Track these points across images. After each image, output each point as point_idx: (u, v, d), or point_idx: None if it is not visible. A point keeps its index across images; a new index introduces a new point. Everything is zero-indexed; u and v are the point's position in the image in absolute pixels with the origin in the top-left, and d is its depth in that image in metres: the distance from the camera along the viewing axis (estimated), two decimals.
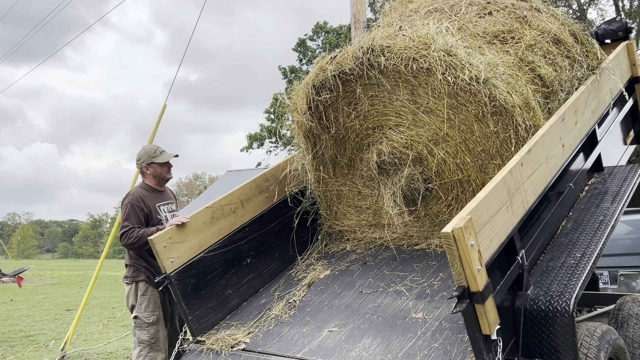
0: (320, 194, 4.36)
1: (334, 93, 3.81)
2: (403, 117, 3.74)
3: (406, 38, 3.50)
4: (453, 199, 3.79)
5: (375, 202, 4.14)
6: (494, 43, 3.83)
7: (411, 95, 3.61)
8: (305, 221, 4.46)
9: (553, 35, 3.89)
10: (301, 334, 3.40)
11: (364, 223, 4.26)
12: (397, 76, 3.58)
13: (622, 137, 4.98)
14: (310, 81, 3.85)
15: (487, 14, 4.17)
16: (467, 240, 2.21)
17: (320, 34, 35.81)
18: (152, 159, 4.30)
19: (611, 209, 3.48)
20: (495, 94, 3.23)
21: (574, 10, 18.77)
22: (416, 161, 3.79)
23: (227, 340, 3.51)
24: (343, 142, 4.12)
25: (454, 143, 3.58)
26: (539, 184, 3.05)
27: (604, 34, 5.18)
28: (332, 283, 3.91)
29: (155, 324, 4.13)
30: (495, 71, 3.35)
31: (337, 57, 3.74)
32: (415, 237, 4.00)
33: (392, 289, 3.57)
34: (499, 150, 3.42)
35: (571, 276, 2.81)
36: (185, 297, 3.69)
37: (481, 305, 2.28)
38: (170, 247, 3.67)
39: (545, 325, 2.65)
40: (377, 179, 4.01)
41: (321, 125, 4.02)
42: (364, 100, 3.83)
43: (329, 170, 4.24)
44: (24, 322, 9.68)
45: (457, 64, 3.30)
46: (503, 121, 3.30)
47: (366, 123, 3.93)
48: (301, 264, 4.26)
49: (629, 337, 3.49)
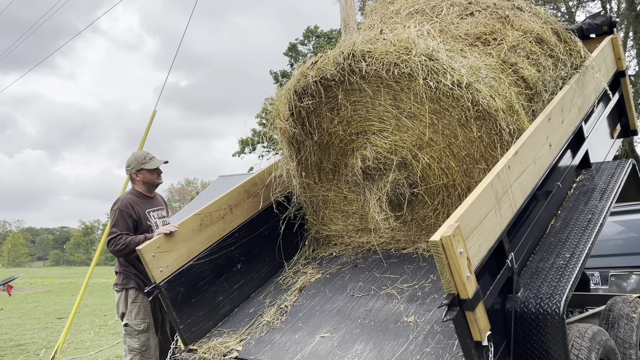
0: (306, 199, 4.32)
1: (316, 99, 3.76)
2: (386, 122, 3.70)
3: (387, 42, 3.46)
4: (439, 203, 3.76)
5: (361, 207, 4.11)
6: (476, 45, 3.79)
7: (394, 101, 3.57)
8: (294, 226, 4.44)
9: (536, 35, 3.85)
10: (293, 341, 3.38)
11: (351, 228, 4.24)
12: (379, 81, 3.53)
13: (609, 132, 4.99)
14: (291, 87, 3.79)
15: (468, 15, 4.13)
16: (455, 248, 2.20)
17: (311, 38, 35.71)
18: (142, 165, 4.28)
19: (599, 206, 3.49)
20: (478, 98, 3.19)
21: (562, 12, 18.84)
22: (401, 166, 3.75)
23: (219, 349, 3.49)
24: (327, 148, 4.08)
25: (438, 148, 3.55)
26: (527, 186, 3.05)
27: (589, 28, 5.19)
28: (323, 287, 3.89)
29: (146, 331, 4.10)
30: (478, 75, 3.31)
31: (318, 62, 3.68)
32: (403, 241, 3.99)
33: (383, 292, 3.56)
34: (483, 155, 3.39)
35: (561, 277, 2.81)
36: (175, 306, 3.66)
37: (471, 312, 2.27)
38: (159, 257, 3.64)
39: (536, 328, 2.65)
40: (363, 184, 3.98)
41: (304, 131, 3.96)
42: (347, 105, 3.78)
43: (314, 176, 4.20)
44: (14, 331, 9.59)
45: (439, 68, 3.26)
46: (487, 126, 3.27)
47: (349, 128, 3.89)
48: (288, 270, 4.23)
49: (620, 338, 3.50)
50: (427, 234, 3.86)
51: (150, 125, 7.49)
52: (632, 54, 18.25)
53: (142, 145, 7.33)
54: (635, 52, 18.08)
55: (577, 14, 18.69)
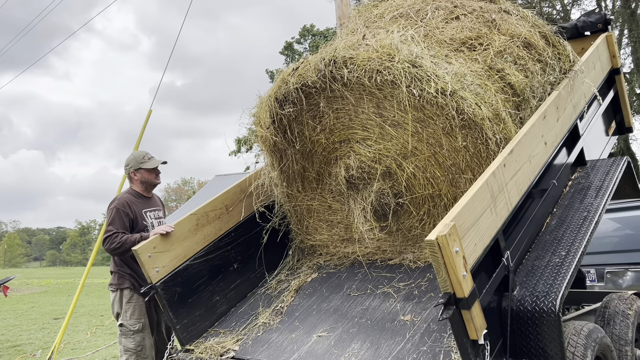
0: (290, 208, 4.20)
1: (298, 106, 3.63)
2: (370, 130, 3.59)
3: (370, 48, 3.34)
4: (425, 214, 3.66)
5: (346, 216, 4.00)
6: (462, 50, 3.67)
7: (377, 108, 3.46)
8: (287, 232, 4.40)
9: (523, 39, 3.73)
10: (290, 340, 3.38)
11: (336, 238, 4.12)
12: (362, 89, 3.42)
13: (604, 129, 5.01)
14: (272, 94, 3.67)
15: (454, 19, 4.00)
16: (451, 247, 2.20)
17: (307, 37, 35.66)
18: (140, 165, 4.30)
19: (594, 204, 3.50)
20: (463, 106, 3.09)
21: (557, 10, 18.86)
22: (385, 175, 3.65)
23: (216, 349, 3.49)
24: (310, 156, 3.96)
25: (423, 157, 3.45)
26: (523, 184, 3.05)
27: (584, 26, 5.19)
28: (320, 286, 3.89)
29: (141, 331, 4.10)
30: (463, 82, 3.21)
31: (299, 68, 3.55)
32: (389, 251, 3.89)
33: (379, 291, 3.56)
34: (469, 165, 3.29)
35: (556, 275, 2.82)
36: (172, 306, 3.65)
37: (468, 311, 2.28)
38: (155, 257, 3.64)
39: (532, 326, 2.66)
40: (347, 193, 3.87)
41: (286, 139, 3.84)
42: (329, 113, 3.66)
43: (297, 185, 4.09)
44: (11, 332, 9.56)
45: (423, 75, 3.15)
46: (472, 135, 3.17)
47: (332, 137, 3.78)
48: (270, 282, 4.16)
49: (616, 334, 3.51)
50: (413, 244, 3.78)
51: (145, 124, 7.48)
52: (627, 52, 18.30)
53: (137, 144, 7.32)
54: (630, 50, 18.13)
55: (572, 11, 18.73)
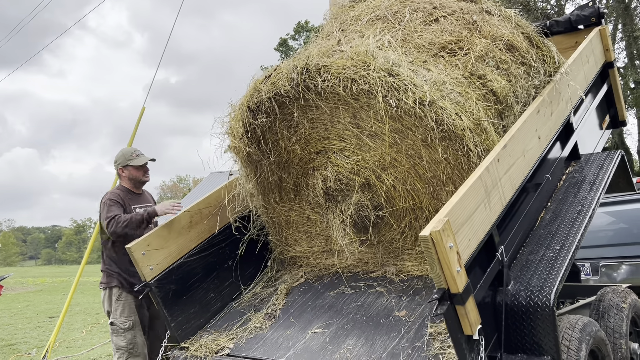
0: (268, 219, 4.05)
1: (271, 116, 3.46)
2: (347, 141, 3.42)
3: (344, 55, 3.16)
4: (406, 226, 3.51)
5: (326, 228, 3.82)
6: (441, 56, 3.50)
7: (353, 118, 3.30)
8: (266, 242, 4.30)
9: (506, 41, 3.55)
10: (285, 337, 3.37)
11: (316, 249, 3.97)
12: (337, 98, 3.24)
13: (598, 123, 5.01)
14: (245, 103, 3.49)
15: (433, 21, 3.82)
16: (445, 243, 2.19)
17: (302, 33, 35.55)
18: (128, 162, 4.30)
19: (589, 198, 3.50)
20: (442, 117, 2.92)
21: (552, 5, 18.87)
22: (364, 187, 3.47)
23: (211, 346, 3.48)
24: (287, 167, 3.78)
25: (402, 169, 3.30)
26: (516, 179, 3.04)
27: (577, 19, 5.19)
28: (314, 283, 3.88)
29: (132, 329, 4.10)
30: (443, 90, 3.05)
31: (272, 76, 3.38)
32: (371, 264, 3.75)
33: (373, 290, 3.55)
34: (450, 177, 3.14)
35: (551, 269, 2.81)
36: (166, 304, 3.64)
37: (462, 306, 2.27)
38: (149, 254, 3.62)
39: (526, 321, 2.65)
40: (325, 205, 3.69)
41: (261, 150, 3.66)
42: (304, 123, 3.48)
43: (274, 195, 3.93)
44: (5, 330, 9.53)
45: (400, 85, 2.98)
46: (453, 147, 3.01)
47: (308, 147, 3.60)
48: (245, 294, 4.03)
49: (610, 328, 3.52)
50: (395, 257, 3.66)
51: (139, 121, 7.46)
52: (621, 46, 18.36)
53: (131, 141, 7.29)
54: (624, 44, 18.17)
55: (566, 6, 18.74)
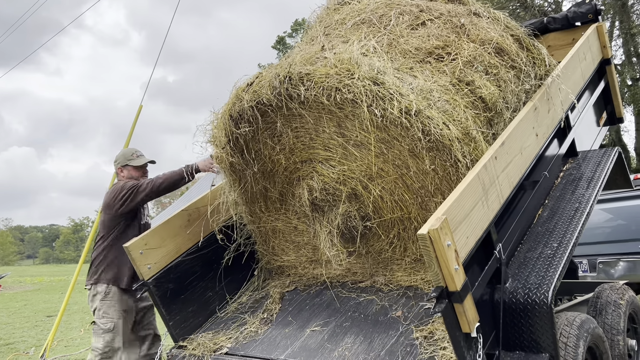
0: (254, 228, 3.94)
1: (254, 125, 3.35)
2: (332, 150, 3.32)
3: (328, 62, 3.05)
4: (395, 237, 3.42)
5: (313, 237, 3.71)
6: (428, 61, 3.39)
7: (338, 128, 3.20)
8: None
9: (495, 45, 3.46)
10: (283, 335, 3.37)
11: (304, 259, 3.87)
12: (321, 107, 3.13)
13: (595, 120, 5.02)
14: (227, 111, 3.37)
15: (420, 25, 3.70)
16: (443, 241, 2.19)
17: (299, 31, 35.48)
18: (127, 161, 4.27)
19: (586, 195, 3.50)
20: (429, 127, 2.82)
21: (549, 2, 18.87)
22: (351, 198, 3.38)
23: (209, 345, 3.47)
24: (272, 176, 3.66)
25: (390, 179, 3.20)
26: (514, 176, 3.05)
27: (574, 16, 5.18)
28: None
29: (112, 331, 3.98)
30: (429, 98, 2.95)
31: (254, 84, 3.27)
32: (360, 274, 3.66)
33: (369, 289, 3.54)
34: (439, 188, 3.03)
35: (548, 267, 2.82)
36: (164, 303, 3.64)
37: (460, 304, 2.27)
38: (146, 253, 3.62)
39: (524, 318, 2.66)
40: (312, 216, 3.58)
41: (244, 159, 3.54)
42: (288, 132, 3.38)
43: (260, 205, 3.81)
44: (4, 329, 9.52)
45: (385, 94, 2.87)
46: (441, 157, 2.91)
47: (293, 157, 3.49)
48: (231, 304, 3.93)
49: (608, 324, 3.54)
50: (384, 267, 3.57)
51: (136, 120, 7.43)
52: (618, 44, 18.37)
53: (128, 140, 7.27)
54: (622, 42, 18.19)
55: (563, 3, 18.75)
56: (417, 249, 3.35)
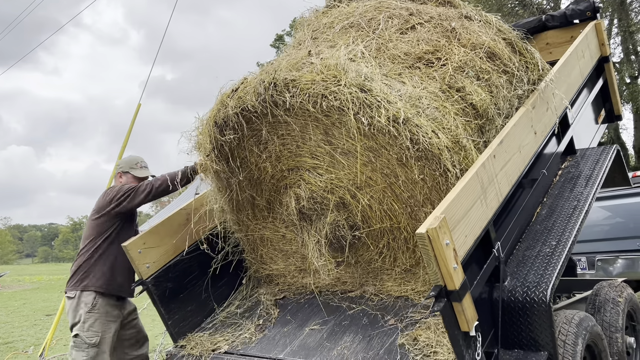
0: (242, 236, 3.84)
1: (239, 133, 3.25)
2: (319, 158, 3.23)
3: (315, 68, 2.96)
4: (384, 247, 3.32)
5: (301, 246, 3.61)
6: (418, 67, 3.30)
7: (325, 135, 3.11)
8: None
9: (487, 49, 3.36)
10: (282, 334, 3.37)
11: (292, 268, 3.77)
12: (307, 114, 3.04)
13: (594, 117, 5.02)
14: (211, 117, 3.27)
15: (409, 29, 3.60)
16: (442, 240, 2.19)
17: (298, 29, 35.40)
18: (130, 169, 4.14)
19: (585, 193, 3.50)
20: (418, 136, 2.73)
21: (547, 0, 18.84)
22: (339, 207, 3.28)
23: (208, 344, 3.47)
24: (258, 184, 3.56)
25: (378, 188, 3.11)
26: (513, 174, 3.04)
27: (573, 14, 5.19)
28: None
29: (97, 346, 3.71)
30: (418, 106, 2.87)
31: (239, 90, 3.16)
32: (349, 283, 3.56)
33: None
34: (428, 197, 2.94)
35: (547, 265, 2.82)
36: (163, 302, 3.63)
37: (459, 303, 2.27)
38: (145, 253, 3.61)
39: (523, 317, 2.67)
40: (300, 225, 3.49)
41: (229, 167, 3.43)
42: (274, 139, 3.28)
43: (247, 213, 3.71)
44: (2, 328, 9.52)
45: (372, 101, 2.79)
46: (430, 166, 2.82)
47: (280, 164, 3.40)
48: (219, 313, 3.84)
49: (606, 322, 3.55)
50: (374, 277, 3.47)
51: (134, 118, 7.43)
52: (616, 41, 18.38)
53: (126, 139, 7.27)
54: (620, 40, 18.19)
55: (562, 0, 18.74)
56: (407, 259, 3.27)
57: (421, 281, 3.22)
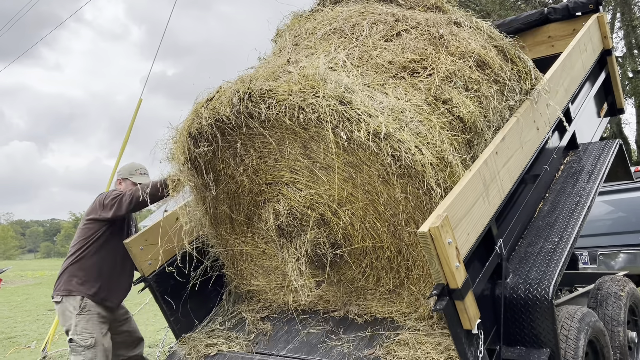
0: (221, 251, 3.69)
1: (214, 145, 3.09)
2: (298, 173, 3.05)
3: (292, 77, 2.81)
4: (367, 266, 3.14)
5: (282, 263, 3.44)
6: (402, 77, 3.12)
7: (303, 149, 2.93)
8: None
9: (476, 58, 3.18)
10: (284, 331, 3.37)
11: (274, 285, 3.61)
12: (283, 127, 2.87)
13: (596, 111, 5.00)
14: (186, 128, 3.10)
15: (394, 36, 3.42)
16: (444, 239, 2.18)
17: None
18: (129, 175, 4.07)
19: (587, 188, 3.49)
20: (400, 152, 2.55)
21: None
22: (320, 224, 3.09)
23: (210, 341, 3.47)
24: (237, 197, 3.37)
25: (360, 205, 2.92)
26: (515, 171, 3.03)
27: (575, 7, 5.15)
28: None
29: (93, 347, 3.67)
30: (401, 119, 2.69)
31: (214, 100, 3.00)
32: (332, 302, 3.39)
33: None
34: (412, 216, 2.76)
35: (549, 262, 2.82)
36: (165, 299, 3.63)
37: (461, 301, 2.27)
38: (147, 249, 3.61)
39: (525, 313, 2.66)
40: (279, 241, 3.31)
41: (204, 181, 3.28)
42: (251, 152, 3.11)
43: (226, 227, 3.55)
44: (5, 323, 9.55)
45: (352, 115, 2.61)
46: (413, 184, 2.64)
47: (257, 178, 3.22)
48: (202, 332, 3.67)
49: (608, 316, 3.54)
50: (358, 296, 3.30)
51: (136, 114, 7.41)
52: (619, 35, 18.25)
53: (127, 134, 7.26)
54: (623, 34, 18.07)
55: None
56: (390, 279, 3.09)
57: (406, 302, 3.07)
